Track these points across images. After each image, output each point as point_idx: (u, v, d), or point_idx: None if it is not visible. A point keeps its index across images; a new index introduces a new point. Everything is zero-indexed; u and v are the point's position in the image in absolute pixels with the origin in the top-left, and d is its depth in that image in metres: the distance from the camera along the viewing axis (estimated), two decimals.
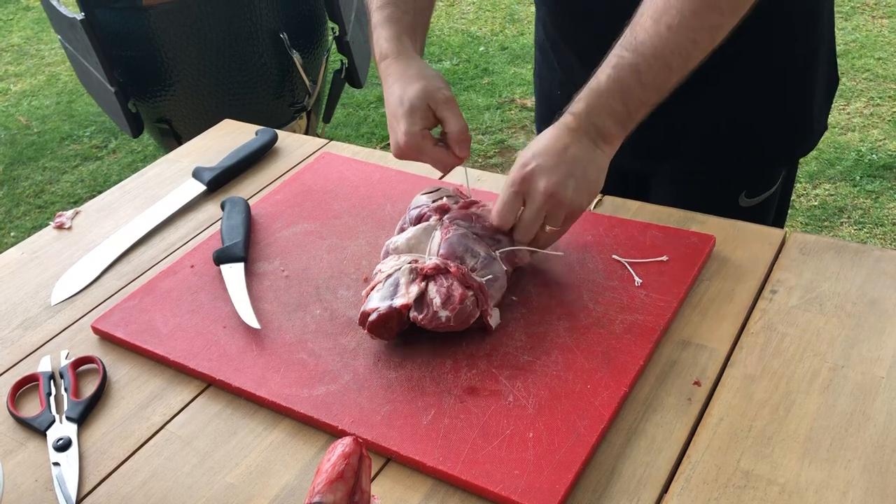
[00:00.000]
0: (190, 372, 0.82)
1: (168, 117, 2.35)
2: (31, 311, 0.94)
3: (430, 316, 0.78)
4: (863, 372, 0.74)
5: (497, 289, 0.82)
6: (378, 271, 0.84)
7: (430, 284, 0.79)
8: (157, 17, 2.15)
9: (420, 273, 0.80)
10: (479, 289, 0.80)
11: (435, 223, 0.86)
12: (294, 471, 0.72)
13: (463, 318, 0.78)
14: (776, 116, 1.04)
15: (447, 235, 0.84)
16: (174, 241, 1.03)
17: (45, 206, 2.93)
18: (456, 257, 0.82)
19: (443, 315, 0.77)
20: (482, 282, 0.80)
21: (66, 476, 0.73)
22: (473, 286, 0.79)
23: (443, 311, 0.77)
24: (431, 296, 0.79)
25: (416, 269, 0.81)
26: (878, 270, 0.85)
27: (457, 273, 0.80)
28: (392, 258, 0.84)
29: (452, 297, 0.78)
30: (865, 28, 3.37)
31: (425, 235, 0.86)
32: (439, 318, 0.78)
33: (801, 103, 1.04)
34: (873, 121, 2.81)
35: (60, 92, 3.70)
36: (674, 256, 0.88)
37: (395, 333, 0.80)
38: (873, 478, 0.65)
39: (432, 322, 0.78)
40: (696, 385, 0.75)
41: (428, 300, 0.79)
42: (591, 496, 0.66)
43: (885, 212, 2.41)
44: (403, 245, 0.85)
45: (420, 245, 0.85)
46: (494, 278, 0.82)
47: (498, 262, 0.83)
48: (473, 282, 0.80)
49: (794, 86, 1.03)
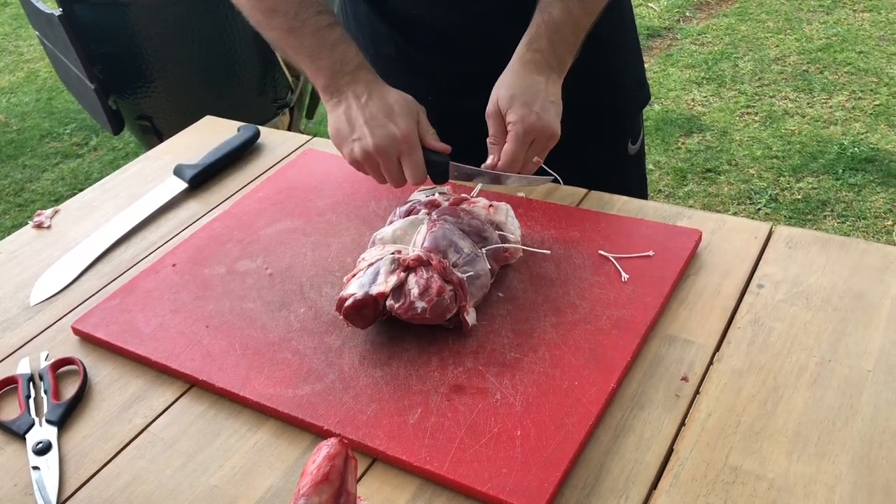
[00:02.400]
0: (172, 372, 0.81)
1: (149, 114, 2.32)
2: (10, 312, 0.92)
3: (405, 305, 0.78)
4: (850, 366, 0.74)
5: (478, 287, 0.82)
6: (361, 259, 0.84)
7: (411, 276, 0.79)
8: (137, 12, 2.12)
9: (401, 264, 0.80)
10: (458, 284, 0.79)
11: (423, 217, 0.87)
12: (279, 472, 0.71)
13: (439, 311, 0.77)
14: (622, 75, 1.17)
15: (432, 229, 0.84)
16: (155, 240, 1.02)
17: (25, 204, 2.89)
18: (439, 251, 0.82)
19: (419, 306, 0.77)
20: (463, 277, 0.80)
21: (46, 480, 0.72)
22: (453, 281, 0.79)
23: (419, 303, 0.77)
24: (410, 286, 0.78)
25: (397, 260, 0.81)
26: (864, 264, 0.85)
27: (437, 266, 0.79)
28: (376, 248, 0.84)
29: (430, 290, 0.77)
30: (847, 22, 3.39)
31: (412, 228, 0.85)
32: (415, 309, 0.77)
33: (634, 63, 1.20)
34: (855, 114, 2.82)
35: (40, 89, 3.66)
36: (660, 251, 0.87)
37: (370, 321, 0.80)
38: (861, 472, 0.65)
39: (408, 312, 0.78)
40: (683, 381, 0.74)
41: (406, 290, 0.78)
42: (579, 494, 0.66)
43: (867, 205, 2.42)
44: (389, 236, 0.85)
45: (406, 237, 0.85)
46: (476, 276, 0.81)
47: (482, 260, 0.83)
48: (454, 276, 0.79)
49: (624, 50, 1.17)
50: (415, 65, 1.10)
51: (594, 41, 0.99)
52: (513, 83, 0.91)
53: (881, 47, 3.19)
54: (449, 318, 0.79)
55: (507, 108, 0.90)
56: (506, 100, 0.91)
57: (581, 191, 1.00)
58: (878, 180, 2.51)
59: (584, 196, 0.99)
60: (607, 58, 1.12)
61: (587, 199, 0.99)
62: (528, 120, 0.89)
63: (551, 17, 0.92)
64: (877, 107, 2.85)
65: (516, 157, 0.90)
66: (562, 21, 0.92)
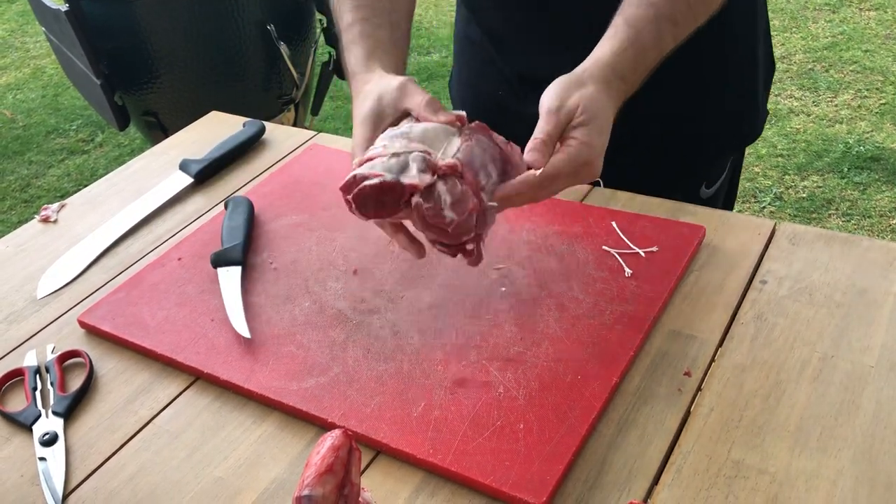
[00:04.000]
0: (178, 365, 0.81)
1: (155, 110, 2.33)
2: (17, 305, 0.93)
3: (435, 210, 0.71)
4: (852, 361, 0.74)
5: (491, 220, 0.76)
6: (381, 146, 0.75)
7: (440, 182, 0.72)
8: (143, 8, 2.13)
9: (433, 167, 0.72)
10: (482, 212, 0.73)
11: (454, 129, 0.78)
12: (283, 464, 0.71)
13: (464, 229, 0.72)
14: (723, 109, 1.05)
15: (468, 143, 0.76)
16: (161, 234, 1.02)
17: (31, 200, 2.90)
18: (472, 168, 0.74)
19: (448, 216, 0.71)
20: (487, 205, 0.74)
21: (52, 471, 0.72)
22: (479, 205, 0.73)
23: (449, 212, 0.71)
24: (441, 192, 0.72)
25: (429, 161, 0.73)
26: (867, 260, 0.85)
27: (471, 183, 0.72)
28: (402, 139, 0.75)
29: (464, 203, 0.71)
30: (853, 20, 3.38)
31: (444, 135, 0.77)
32: (443, 217, 0.71)
33: (745, 95, 1.07)
34: (861, 113, 2.82)
35: (46, 85, 3.67)
36: (664, 247, 0.87)
37: (377, 214, 0.73)
38: (863, 467, 0.65)
39: (434, 218, 0.71)
40: (686, 375, 0.75)
41: (437, 195, 0.72)
42: (581, 487, 0.66)
43: (872, 203, 2.42)
44: (418, 134, 0.76)
45: (436, 142, 0.76)
46: (496, 208, 0.75)
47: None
48: (483, 201, 0.73)
49: (737, 80, 1.06)
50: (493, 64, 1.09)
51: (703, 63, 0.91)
52: (592, 102, 0.77)
53: (887, 46, 3.19)
54: (464, 242, 0.73)
55: (576, 123, 0.76)
56: (581, 115, 0.76)
57: (584, 186, 1.00)
58: (884, 179, 2.51)
59: (588, 192, 0.99)
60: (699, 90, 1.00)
61: (591, 195, 0.99)
62: (588, 156, 0.76)
63: (639, 38, 0.80)
64: (882, 105, 2.84)
65: (555, 180, 0.75)
66: (650, 45, 0.80)
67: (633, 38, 0.80)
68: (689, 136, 1.05)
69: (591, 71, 0.79)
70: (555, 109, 0.76)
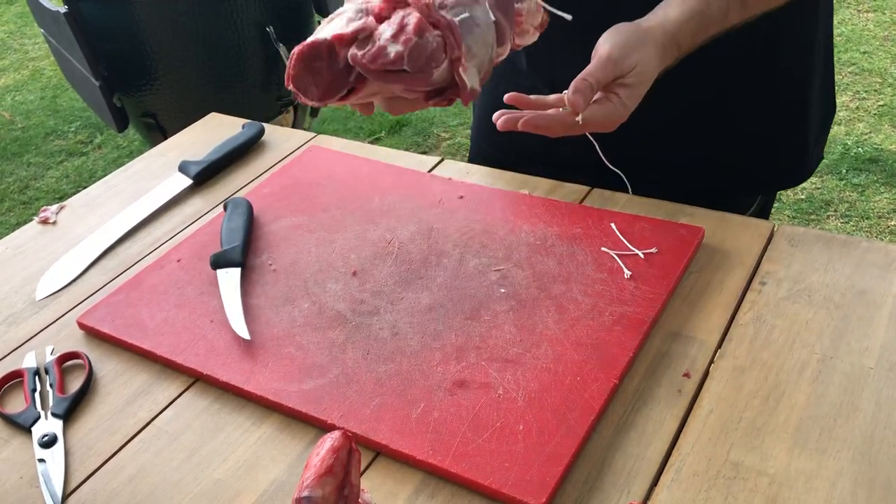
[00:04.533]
0: (177, 367, 0.81)
1: (154, 111, 2.33)
2: (16, 307, 0.93)
3: (374, 51, 0.59)
4: (851, 363, 0.74)
5: (477, 38, 0.64)
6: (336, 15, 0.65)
7: (384, 24, 0.62)
8: (142, 9, 2.13)
9: (370, 12, 0.62)
10: (447, 27, 0.61)
11: None
12: (283, 465, 0.71)
13: (421, 57, 0.59)
14: (767, 148, 1.02)
15: None
16: (160, 236, 1.02)
17: (29, 201, 2.90)
18: None
19: (392, 50, 0.59)
20: (453, 20, 0.62)
21: (51, 473, 0.72)
22: (440, 23, 0.61)
23: (392, 46, 0.59)
24: (381, 32, 0.61)
25: (365, 9, 0.62)
26: (866, 262, 0.85)
27: (417, 3, 0.61)
28: (349, 4, 0.66)
29: (406, 28, 0.60)
30: (851, 22, 3.39)
31: None
32: (387, 55, 0.59)
33: (793, 135, 1.03)
34: (859, 114, 2.82)
35: (45, 87, 3.67)
36: (663, 248, 0.87)
37: (325, 89, 0.61)
38: (862, 468, 0.65)
39: (377, 60, 0.59)
40: (685, 377, 0.75)
41: (376, 36, 0.61)
42: (581, 488, 0.66)
43: (870, 205, 2.42)
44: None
45: None
46: (473, 22, 0.63)
47: (482, 6, 0.65)
48: (440, 17, 0.61)
49: (784, 118, 1.02)
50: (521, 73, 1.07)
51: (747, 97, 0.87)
52: (647, 67, 0.76)
53: (885, 47, 3.19)
54: (438, 75, 0.61)
55: (626, 82, 0.76)
56: (632, 77, 0.76)
57: (584, 188, 1.00)
58: (882, 180, 2.51)
59: (587, 193, 0.99)
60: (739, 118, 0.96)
61: (590, 197, 0.99)
62: (622, 116, 0.77)
63: (707, 11, 0.78)
64: (881, 107, 2.85)
65: (585, 126, 0.76)
66: (715, 20, 0.79)
67: (702, 10, 0.79)
68: (720, 164, 1.01)
69: (655, 33, 0.78)
70: (614, 60, 0.75)
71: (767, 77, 0.98)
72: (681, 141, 0.94)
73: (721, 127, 1.00)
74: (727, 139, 1.01)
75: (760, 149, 1.02)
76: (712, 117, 0.96)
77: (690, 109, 0.81)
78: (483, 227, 0.93)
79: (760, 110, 1.00)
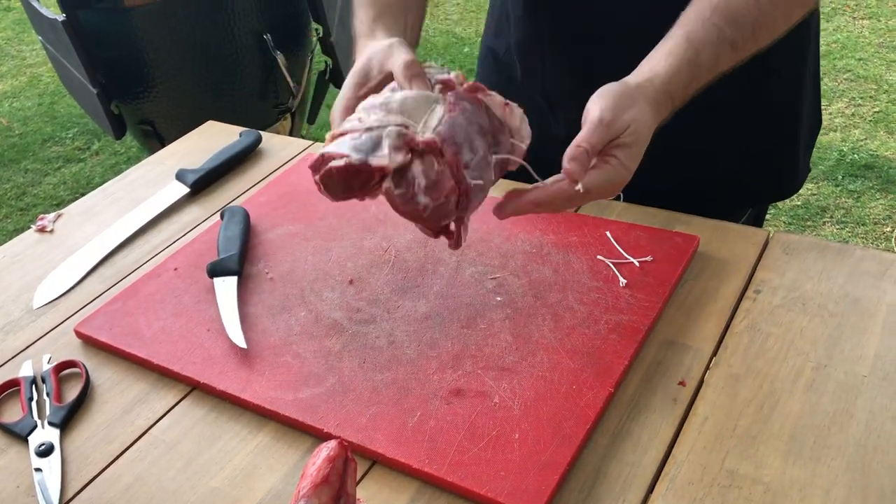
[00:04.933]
0: (174, 375, 0.82)
1: (151, 119, 2.33)
2: (13, 315, 0.93)
3: (407, 195, 0.64)
4: (845, 371, 0.75)
5: (479, 199, 0.70)
6: (357, 119, 0.69)
7: (417, 161, 0.66)
8: (140, 17, 2.14)
9: (409, 143, 0.66)
10: (465, 191, 0.67)
11: (438, 95, 0.71)
12: (279, 474, 0.71)
13: (440, 214, 0.65)
14: (761, 163, 1.02)
15: (452, 113, 0.69)
16: (157, 244, 1.03)
17: (26, 208, 2.90)
18: (455, 143, 0.67)
19: (422, 201, 0.64)
20: (471, 184, 0.67)
21: (48, 482, 0.72)
22: (462, 186, 0.66)
23: (423, 197, 0.64)
24: (415, 174, 0.65)
25: (405, 136, 0.66)
26: (861, 270, 0.86)
27: (452, 161, 0.65)
28: (379, 111, 0.69)
29: (440, 187, 0.64)
30: (846, 29, 3.40)
31: (425, 104, 0.70)
32: (416, 203, 0.64)
33: (786, 149, 1.03)
34: (854, 121, 2.83)
35: (42, 93, 3.68)
36: (658, 257, 0.88)
37: (346, 196, 0.67)
38: (856, 476, 0.66)
39: (406, 204, 0.65)
40: (680, 385, 0.75)
41: (410, 177, 0.65)
42: (576, 497, 0.67)
43: (866, 211, 2.43)
44: (397, 104, 0.69)
45: (416, 112, 0.69)
46: (482, 186, 0.69)
47: (490, 169, 0.71)
48: (464, 180, 0.66)
49: (775, 133, 1.02)
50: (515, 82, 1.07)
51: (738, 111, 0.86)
52: (641, 125, 0.72)
53: (881, 54, 3.21)
54: (443, 226, 0.67)
55: (621, 143, 0.72)
56: (628, 136, 0.72)
57: None
58: (878, 187, 2.52)
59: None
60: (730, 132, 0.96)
61: (585, 205, 0.99)
62: (624, 178, 0.73)
63: (697, 59, 0.74)
64: (876, 113, 2.86)
65: (587, 196, 0.72)
66: (706, 68, 0.75)
67: (692, 59, 0.75)
68: (716, 181, 1.00)
69: (646, 89, 0.74)
70: (606, 122, 0.71)
71: (762, 92, 0.98)
72: (675, 157, 0.94)
73: (715, 144, 1.00)
74: (722, 156, 1.01)
75: (754, 165, 1.03)
76: (706, 134, 0.96)
77: (685, 126, 0.81)
78: (479, 235, 0.94)
79: (754, 127, 1.01)
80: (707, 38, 0.75)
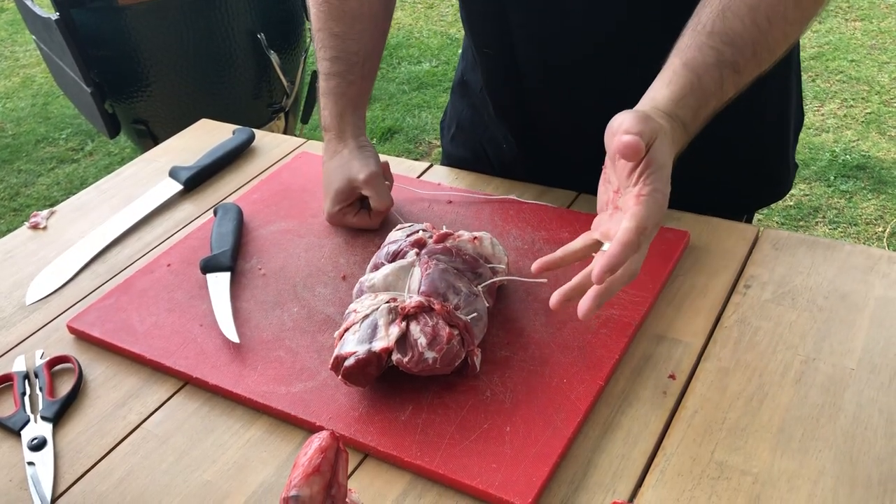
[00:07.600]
0: (166, 370, 0.82)
1: (145, 118, 2.33)
2: (6, 311, 0.93)
3: (416, 358, 0.72)
4: (833, 364, 0.75)
5: (480, 328, 0.78)
6: (353, 311, 0.78)
7: (412, 324, 0.74)
8: (133, 16, 2.13)
9: (400, 313, 0.75)
10: (464, 328, 0.75)
11: (413, 259, 0.81)
12: (271, 467, 0.72)
13: (449, 359, 0.73)
14: (753, 168, 1.03)
15: (427, 271, 0.79)
16: (150, 241, 1.03)
17: (20, 208, 2.90)
18: (438, 294, 0.77)
19: (429, 356, 0.72)
20: (467, 320, 0.76)
21: (40, 475, 0.72)
22: (459, 325, 0.75)
23: (429, 353, 0.72)
24: (415, 336, 0.73)
25: (395, 309, 0.75)
26: (849, 265, 0.86)
27: (441, 311, 0.75)
28: (367, 297, 0.79)
29: (439, 337, 0.73)
30: (839, 31, 3.42)
31: (403, 272, 0.80)
32: (426, 361, 0.72)
33: (774, 156, 1.04)
34: (847, 122, 2.85)
35: (36, 94, 3.67)
36: (649, 252, 0.87)
37: (373, 379, 0.75)
38: (844, 467, 0.66)
39: (418, 365, 0.72)
40: (670, 378, 0.76)
41: (412, 341, 0.73)
42: (567, 489, 0.67)
43: (858, 211, 2.44)
44: (380, 282, 0.80)
45: (398, 282, 0.79)
46: (478, 316, 0.77)
47: (480, 299, 0.79)
48: (458, 320, 0.75)
49: (766, 141, 1.02)
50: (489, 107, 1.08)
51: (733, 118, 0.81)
52: (658, 154, 0.67)
53: (872, 56, 3.22)
54: (457, 365, 0.74)
55: (646, 173, 0.67)
56: (654, 170, 0.66)
57: (571, 193, 1.01)
58: (870, 187, 2.53)
59: (575, 198, 1.00)
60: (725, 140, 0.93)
61: (578, 202, 1.00)
62: (664, 202, 0.68)
63: (700, 84, 0.71)
64: (868, 115, 2.87)
65: (644, 231, 0.66)
66: (711, 92, 0.72)
67: (692, 82, 0.71)
68: (705, 189, 0.97)
69: (652, 113, 0.70)
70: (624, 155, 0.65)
71: (754, 103, 0.97)
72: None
73: (708, 156, 1.00)
74: (715, 168, 1.00)
75: (748, 173, 1.03)
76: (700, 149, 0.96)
77: None
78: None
79: (746, 137, 1.00)
80: (706, 62, 0.72)
